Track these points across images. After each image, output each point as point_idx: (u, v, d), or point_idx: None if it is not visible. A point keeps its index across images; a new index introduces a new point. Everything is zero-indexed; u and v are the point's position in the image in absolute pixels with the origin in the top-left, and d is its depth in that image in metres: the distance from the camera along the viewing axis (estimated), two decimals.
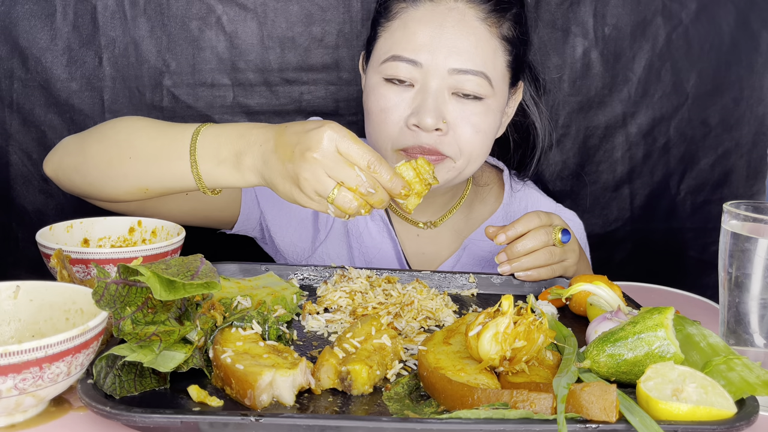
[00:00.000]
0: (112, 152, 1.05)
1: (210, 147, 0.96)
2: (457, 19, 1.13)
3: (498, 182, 1.41)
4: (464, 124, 1.14)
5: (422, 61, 1.12)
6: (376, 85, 1.16)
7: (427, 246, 1.33)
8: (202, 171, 0.97)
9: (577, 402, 0.68)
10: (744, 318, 0.87)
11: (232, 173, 0.95)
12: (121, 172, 1.04)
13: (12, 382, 0.65)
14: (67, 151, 1.12)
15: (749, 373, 0.75)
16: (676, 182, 1.77)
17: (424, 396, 0.76)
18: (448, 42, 1.11)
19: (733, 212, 0.89)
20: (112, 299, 0.74)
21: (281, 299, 0.94)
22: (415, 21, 1.14)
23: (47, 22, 1.48)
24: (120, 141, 1.05)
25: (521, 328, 0.75)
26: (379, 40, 1.18)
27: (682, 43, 1.69)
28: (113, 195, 1.08)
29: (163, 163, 1.00)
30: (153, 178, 1.02)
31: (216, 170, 0.96)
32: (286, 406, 0.71)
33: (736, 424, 0.68)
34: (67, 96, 1.51)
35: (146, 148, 1.02)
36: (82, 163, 1.08)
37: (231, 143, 0.95)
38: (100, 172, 1.06)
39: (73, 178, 1.10)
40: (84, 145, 1.09)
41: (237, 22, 1.54)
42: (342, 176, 0.88)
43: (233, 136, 0.96)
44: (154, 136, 1.03)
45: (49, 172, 1.13)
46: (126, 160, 1.03)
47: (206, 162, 0.97)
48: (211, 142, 0.97)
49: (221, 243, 1.61)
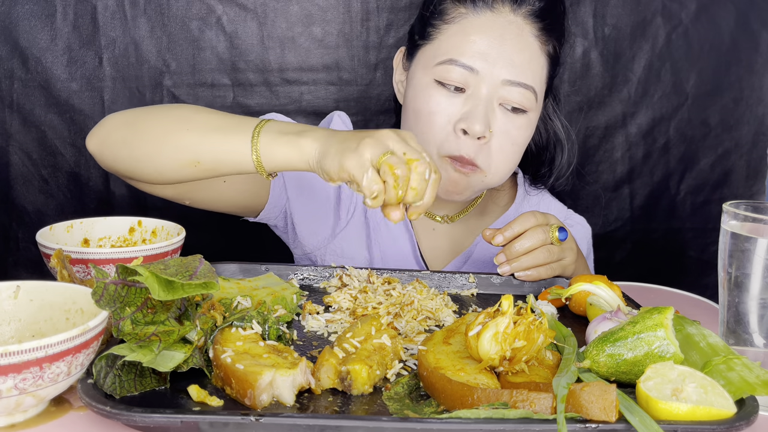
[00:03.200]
0: (169, 124, 1.02)
1: (274, 125, 0.96)
2: (516, 33, 1.16)
3: (512, 185, 1.44)
4: (505, 136, 1.17)
5: (478, 68, 1.14)
6: (426, 86, 1.18)
7: (442, 240, 1.35)
8: (261, 142, 0.95)
9: (576, 402, 0.68)
10: (743, 318, 0.87)
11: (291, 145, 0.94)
12: (174, 143, 1.00)
13: (12, 382, 0.65)
14: (115, 125, 1.07)
15: (749, 373, 0.75)
16: (676, 182, 1.77)
17: (424, 396, 0.76)
18: (505, 54, 1.14)
19: (732, 212, 0.89)
20: (112, 299, 0.74)
21: (281, 299, 0.94)
22: (474, 29, 1.16)
23: (47, 22, 1.48)
24: (179, 114, 1.03)
25: (521, 328, 0.75)
26: (433, 41, 1.20)
27: (682, 43, 1.69)
28: (160, 170, 1.03)
29: (222, 134, 0.98)
30: (208, 150, 0.98)
31: (275, 142, 0.94)
32: (286, 405, 0.71)
33: (735, 424, 0.68)
34: (67, 96, 1.51)
35: (207, 122, 1.00)
36: (132, 136, 1.04)
37: (298, 126, 0.96)
38: (152, 144, 1.02)
39: (119, 153, 1.05)
40: (137, 118, 1.06)
41: (237, 22, 1.54)
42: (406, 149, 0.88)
43: (302, 125, 0.98)
44: (217, 114, 1.02)
45: (93, 147, 1.07)
46: (183, 132, 0.99)
47: (268, 134, 0.95)
48: (277, 125, 0.97)
49: (221, 242, 1.61)
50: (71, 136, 1.53)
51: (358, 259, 1.31)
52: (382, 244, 1.32)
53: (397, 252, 1.31)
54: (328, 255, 1.32)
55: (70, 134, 1.53)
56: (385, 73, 1.60)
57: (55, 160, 1.54)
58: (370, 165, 0.86)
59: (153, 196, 1.13)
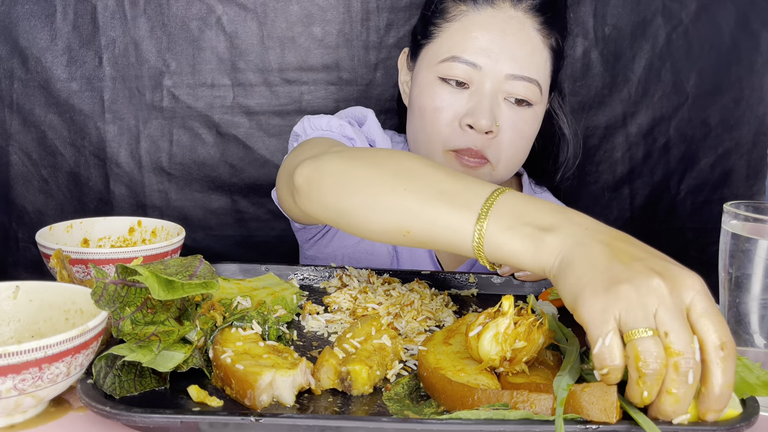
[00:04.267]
0: (386, 179, 0.85)
1: (512, 206, 0.76)
2: (517, 28, 1.17)
3: (518, 186, 1.44)
4: (511, 129, 1.17)
5: (481, 64, 1.15)
6: (430, 83, 1.19)
7: None
8: (489, 229, 0.75)
9: (577, 403, 0.68)
10: (744, 318, 0.87)
11: (525, 243, 0.73)
12: (386, 203, 0.84)
13: (11, 383, 0.65)
14: (333, 168, 0.91)
15: (749, 374, 0.75)
16: (676, 182, 1.77)
17: (424, 396, 0.76)
18: (507, 48, 1.15)
19: (733, 212, 0.89)
20: (111, 299, 0.74)
21: (281, 299, 0.94)
22: (476, 25, 1.17)
23: (47, 22, 1.48)
24: (399, 169, 0.86)
25: (521, 328, 0.75)
26: (436, 40, 1.21)
27: (682, 43, 1.69)
28: (367, 229, 0.88)
29: (444, 205, 0.79)
30: (422, 222, 0.81)
31: (505, 233, 0.74)
32: (286, 406, 0.71)
33: (736, 425, 0.68)
34: (67, 96, 1.51)
35: (429, 183, 0.82)
36: (345, 185, 0.88)
37: (542, 213, 0.75)
38: (362, 198, 0.86)
39: (326, 200, 0.90)
40: (355, 165, 0.90)
41: (237, 22, 1.54)
42: (672, 327, 0.63)
43: (549, 207, 0.76)
44: (441, 173, 0.84)
45: (302, 182, 0.93)
46: (399, 191, 0.83)
47: (499, 220, 0.75)
48: (516, 204, 0.76)
49: (222, 242, 1.61)
50: (71, 136, 1.53)
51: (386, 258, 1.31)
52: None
53: (413, 252, 1.32)
54: (357, 254, 1.32)
55: (70, 134, 1.53)
56: (385, 73, 1.60)
57: (55, 160, 1.54)
58: (611, 327, 0.64)
59: (153, 196, 1.13)
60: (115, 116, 1.53)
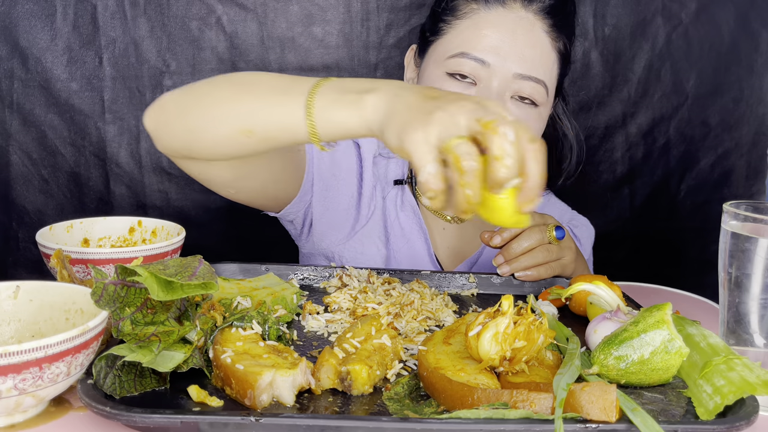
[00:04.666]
0: (223, 90, 0.96)
1: (334, 85, 0.85)
2: (527, 29, 1.17)
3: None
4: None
5: (490, 62, 1.15)
6: (438, 78, 1.18)
7: (453, 240, 1.35)
8: (317, 106, 0.84)
9: (576, 402, 0.68)
10: (744, 318, 0.87)
11: (350, 110, 0.82)
12: (227, 110, 0.93)
13: (12, 383, 0.65)
14: (171, 98, 1.02)
15: (749, 373, 0.75)
16: (676, 182, 1.77)
17: (424, 396, 0.76)
18: (517, 48, 1.15)
19: (733, 212, 0.89)
20: (111, 299, 0.74)
21: (281, 299, 0.94)
22: (486, 23, 1.17)
23: (47, 22, 1.48)
24: (233, 80, 0.97)
25: (521, 328, 0.75)
26: (445, 36, 1.21)
27: (682, 43, 1.69)
28: (212, 141, 0.96)
29: (276, 96, 0.89)
30: (261, 117, 0.89)
31: (333, 106, 0.83)
32: (286, 406, 0.71)
33: (736, 424, 0.68)
34: (67, 96, 1.51)
35: (262, 85, 0.92)
36: (185, 106, 0.99)
37: (359, 83, 0.84)
38: (205, 111, 0.96)
39: (173, 127, 1.00)
40: (193, 88, 1.00)
41: (237, 22, 1.54)
42: (488, 118, 0.72)
43: (364, 79, 0.86)
44: (272, 77, 0.93)
45: (149, 122, 1.03)
46: (239, 96, 0.93)
47: (325, 96, 0.84)
48: (336, 83, 0.85)
49: (222, 242, 1.61)
50: (71, 136, 1.53)
51: (377, 258, 1.31)
52: (395, 242, 1.32)
53: (411, 250, 1.32)
54: (346, 252, 1.32)
55: (70, 134, 1.53)
56: (385, 73, 1.60)
57: (55, 160, 1.54)
58: (432, 156, 0.71)
59: (153, 196, 1.12)
60: (115, 116, 1.53)
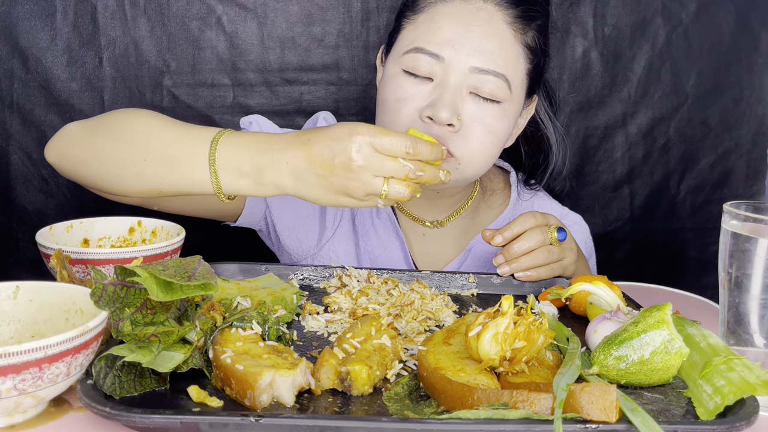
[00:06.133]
0: (126, 153, 1.00)
1: (230, 159, 0.95)
2: (485, 20, 1.12)
3: (505, 187, 1.40)
4: (477, 124, 1.12)
5: (445, 56, 1.11)
6: (394, 75, 1.15)
7: (433, 246, 1.33)
8: (222, 182, 0.95)
9: (576, 402, 0.68)
10: (744, 318, 0.87)
11: (253, 187, 0.95)
12: (135, 172, 1.00)
13: (11, 383, 0.65)
14: (73, 142, 1.06)
15: (749, 373, 0.75)
16: (676, 182, 1.77)
17: (424, 396, 0.76)
18: (473, 41, 1.11)
19: (733, 212, 0.89)
20: (111, 300, 0.74)
21: (281, 300, 0.94)
22: (442, 16, 1.13)
23: (47, 22, 1.48)
24: (134, 141, 1.01)
25: (521, 328, 0.75)
26: (402, 31, 1.17)
27: (682, 43, 1.69)
28: (125, 193, 1.04)
29: (180, 169, 0.97)
30: (169, 183, 0.98)
31: (236, 183, 0.95)
32: (286, 406, 0.71)
33: (736, 425, 0.68)
34: (67, 96, 1.51)
35: (163, 153, 0.98)
36: (92, 159, 1.03)
37: (252, 158, 0.94)
38: (113, 170, 1.01)
39: (79, 171, 1.05)
40: (94, 139, 1.04)
41: (237, 22, 1.54)
42: (389, 171, 0.91)
43: (253, 150, 0.95)
44: (170, 139, 0.99)
45: (52, 159, 1.08)
46: (141, 162, 0.99)
47: (226, 174, 0.95)
48: (231, 155, 0.95)
49: (222, 243, 1.61)
50: None
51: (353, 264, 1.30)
52: (371, 252, 1.30)
53: (388, 258, 1.30)
54: (318, 260, 1.31)
55: None
56: None
57: None
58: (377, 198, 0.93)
59: None
60: None
